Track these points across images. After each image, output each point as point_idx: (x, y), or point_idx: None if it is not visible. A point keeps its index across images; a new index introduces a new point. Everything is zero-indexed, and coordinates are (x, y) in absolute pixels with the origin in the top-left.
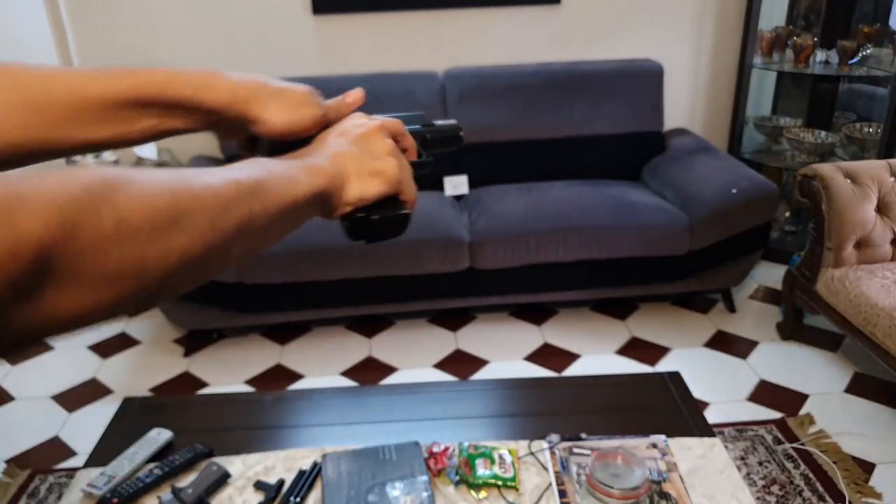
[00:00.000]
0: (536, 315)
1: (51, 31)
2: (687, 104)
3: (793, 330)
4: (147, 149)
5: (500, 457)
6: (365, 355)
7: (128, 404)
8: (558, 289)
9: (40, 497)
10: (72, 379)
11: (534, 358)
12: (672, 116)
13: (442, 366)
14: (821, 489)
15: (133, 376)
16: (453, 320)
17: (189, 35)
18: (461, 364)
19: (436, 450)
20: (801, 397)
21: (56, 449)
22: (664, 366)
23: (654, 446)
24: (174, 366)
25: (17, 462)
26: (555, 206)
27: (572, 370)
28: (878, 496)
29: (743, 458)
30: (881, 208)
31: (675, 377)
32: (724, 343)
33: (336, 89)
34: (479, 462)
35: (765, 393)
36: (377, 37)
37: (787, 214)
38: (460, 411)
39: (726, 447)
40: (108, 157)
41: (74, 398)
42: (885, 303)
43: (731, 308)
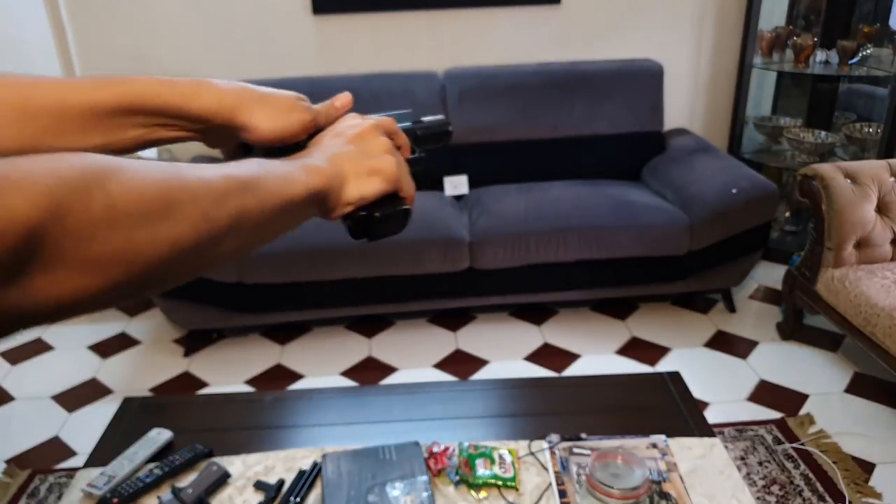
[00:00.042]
0: (536, 315)
1: (51, 31)
2: (687, 104)
3: (793, 330)
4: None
5: (500, 457)
6: (365, 355)
7: (128, 404)
8: (558, 289)
9: (40, 497)
10: (72, 379)
11: (534, 358)
12: (672, 116)
13: (442, 366)
14: (821, 489)
15: (133, 376)
16: (453, 320)
17: (189, 35)
18: (461, 364)
19: (436, 450)
20: (801, 397)
21: (56, 449)
22: (664, 366)
23: (654, 446)
24: (174, 366)
25: (17, 462)
26: (555, 206)
27: (572, 370)
28: (878, 496)
29: (743, 458)
30: (881, 208)
31: (675, 377)
32: (724, 343)
33: (336, 89)
34: (479, 462)
35: (765, 393)
36: (377, 37)
37: (787, 214)
38: (460, 411)
39: (726, 447)
40: None
41: (74, 398)
42: (885, 303)
43: (731, 308)
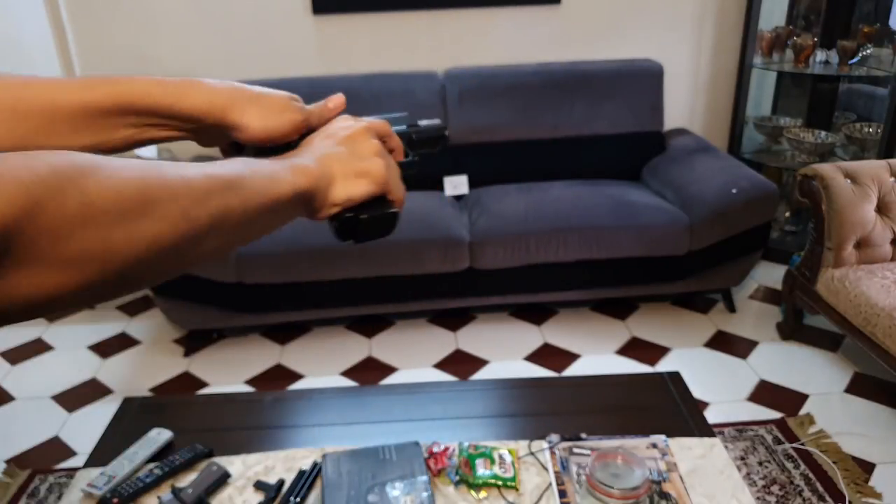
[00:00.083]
0: (536, 315)
1: (51, 31)
2: (687, 104)
3: (793, 330)
4: (147, 150)
5: (500, 457)
6: (365, 355)
7: (128, 404)
8: (558, 289)
9: (40, 497)
10: (72, 379)
11: (534, 358)
12: (672, 116)
13: (442, 366)
14: (821, 489)
15: (133, 376)
16: (453, 320)
17: (189, 35)
18: (461, 364)
19: (436, 450)
20: (801, 397)
21: (56, 449)
22: (664, 366)
23: (654, 446)
24: (174, 366)
25: (17, 462)
26: (555, 206)
27: (572, 370)
28: (878, 496)
29: (743, 458)
30: (881, 208)
31: (675, 377)
32: (724, 343)
33: (336, 89)
34: (479, 462)
35: (765, 393)
36: (377, 37)
37: (787, 214)
38: (460, 411)
39: (726, 447)
40: None
41: (74, 398)
42: (885, 303)
43: (731, 308)
